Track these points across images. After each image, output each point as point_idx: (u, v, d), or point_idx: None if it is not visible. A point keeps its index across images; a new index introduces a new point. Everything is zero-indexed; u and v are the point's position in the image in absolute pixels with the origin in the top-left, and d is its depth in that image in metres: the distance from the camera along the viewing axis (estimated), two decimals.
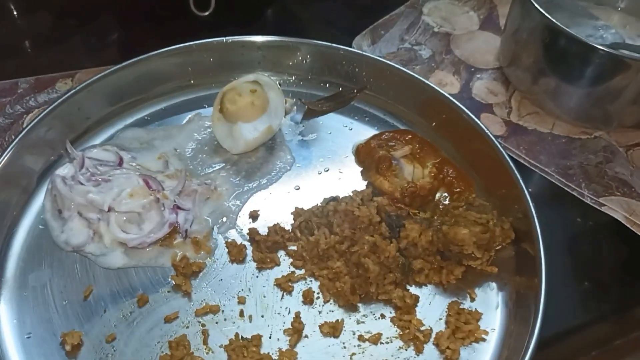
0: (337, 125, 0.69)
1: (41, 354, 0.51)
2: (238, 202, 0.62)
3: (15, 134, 0.62)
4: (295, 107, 0.70)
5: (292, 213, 0.60)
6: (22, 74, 0.76)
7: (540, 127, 0.70)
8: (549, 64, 0.68)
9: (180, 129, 0.68)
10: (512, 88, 0.74)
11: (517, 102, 0.73)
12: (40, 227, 0.59)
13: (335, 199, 0.60)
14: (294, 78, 0.73)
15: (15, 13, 0.86)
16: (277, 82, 0.67)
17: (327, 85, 0.72)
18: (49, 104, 0.66)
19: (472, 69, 0.77)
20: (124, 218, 0.58)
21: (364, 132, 0.67)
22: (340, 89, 0.71)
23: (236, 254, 0.57)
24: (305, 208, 0.60)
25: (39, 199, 0.61)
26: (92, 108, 0.67)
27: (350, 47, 0.74)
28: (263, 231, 0.59)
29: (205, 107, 0.70)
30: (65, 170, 0.61)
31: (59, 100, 0.64)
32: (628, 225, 0.61)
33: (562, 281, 0.59)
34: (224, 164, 0.65)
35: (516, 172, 0.59)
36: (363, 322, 0.53)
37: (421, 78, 0.68)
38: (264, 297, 0.55)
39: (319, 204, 0.60)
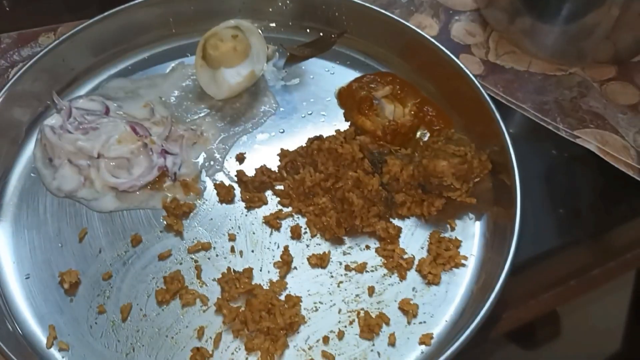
0: (319, 70, 0.70)
1: (41, 293, 0.53)
2: (224, 146, 0.63)
3: (1, 87, 0.62)
4: (277, 53, 0.71)
5: (277, 154, 0.62)
6: (3, 30, 0.76)
7: (517, 66, 0.72)
8: (524, 3, 0.69)
9: (164, 78, 0.69)
10: (490, 29, 0.75)
11: (495, 42, 0.74)
12: (32, 175, 0.60)
13: (319, 138, 0.62)
14: (274, 24, 0.74)
15: None
16: (259, 29, 0.68)
17: (308, 30, 0.73)
18: (33, 57, 0.66)
19: (450, 12, 0.78)
20: (113, 164, 0.60)
21: (346, 76, 0.69)
22: (321, 33, 0.72)
23: (225, 194, 0.59)
24: (291, 149, 0.62)
25: (29, 150, 0.62)
26: (76, 59, 0.68)
27: None
28: (250, 173, 0.60)
29: (187, 56, 0.71)
30: (53, 120, 0.62)
31: (43, 52, 0.65)
32: (601, 156, 0.64)
33: (538, 210, 0.61)
34: (208, 110, 0.66)
35: (494, 108, 0.61)
36: (349, 253, 0.56)
37: (401, 20, 0.69)
38: (254, 233, 0.57)
39: (304, 145, 0.62)
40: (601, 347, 0.58)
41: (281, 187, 0.60)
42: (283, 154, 0.62)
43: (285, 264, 0.55)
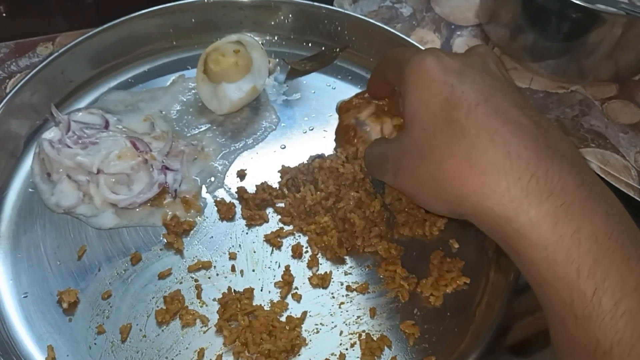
0: (320, 84, 0.70)
1: (39, 312, 0.52)
2: (225, 162, 0.63)
3: None
4: (278, 67, 0.70)
5: (279, 171, 0.61)
6: (0, 39, 0.75)
7: (519, 82, 0.72)
8: (527, 20, 0.69)
9: (165, 91, 0.68)
10: (492, 45, 0.75)
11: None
12: (30, 190, 0.60)
13: (320, 156, 0.62)
14: (276, 38, 0.73)
15: None
16: (260, 42, 0.67)
17: (310, 44, 0.73)
18: (31, 68, 0.66)
19: (452, 27, 0.78)
20: (113, 179, 0.59)
21: (347, 91, 0.68)
22: (323, 48, 0.72)
23: (225, 212, 0.59)
24: (292, 166, 0.61)
25: (27, 164, 0.62)
26: (75, 71, 0.67)
27: (332, 5, 0.74)
28: (251, 189, 0.60)
29: (188, 69, 0.70)
30: (51, 134, 0.62)
31: (42, 64, 0.64)
32: (602, 176, 0.64)
33: None
34: (209, 125, 0.66)
35: None
36: (350, 274, 0.56)
37: (403, 36, 0.69)
38: (254, 252, 0.57)
39: (305, 162, 0.61)
40: None
41: (282, 205, 0.59)
42: (284, 171, 0.61)
43: (287, 284, 0.54)
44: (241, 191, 0.60)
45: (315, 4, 0.71)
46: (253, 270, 0.55)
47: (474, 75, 0.44)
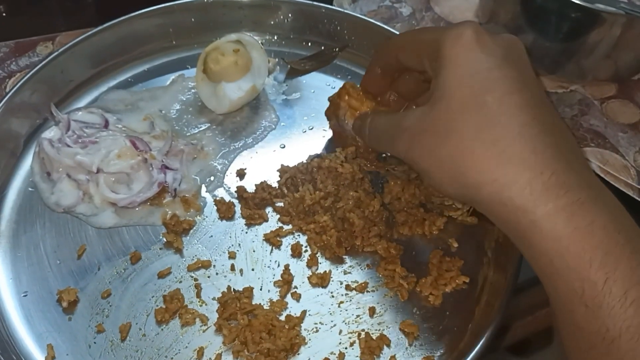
0: (320, 84, 0.70)
1: (39, 311, 0.52)
2: (225, 161, 0.63)
3: None
4: (278, 66, 0.70)
5: (277, 170, 0.61)
6: (0, 39, 0.75)
7: None
8: (526, 19, 0.69)
9: (165, 90, 0.68)
10: None
11: None
12: (30, 189, 0.60)
13: (319, 156, 0.62)
14: (276, 37, 0.73)
15: None
16: (260, 42, 0.67)
17: (309, 44, 0.73)
18: (30, 67, 0.66)
19: None
20: (113, 179, 0.59)
21: None
22: (322, 47, 0.72)
23: (225, 211, 0.59)
24: (291, 165, 0.61)
25: (27, 163, 0.62)
26: (75, 70, 0.67)
27: (332, 5, 0.74)
28: (250, 189, 0.60)
29: (188, 68, 0.70)
30: (51, 133, 0.62)
31: (42, 63, 0.64)
32: (602, 175, 0.64)
33: None
34: (209, 124, 0.66)
35: None
36: (350, 273, 0.56)
37: None
38: (254, 251, 0.57)
39: (304, 161, 0.62)
40: None
41: (281, 204, 0.59)
42: (283, 170, 0.61)
43: (286, 283, 0.54)
44: (241, 190, 0.60)
45: (315, 3, 0.71)
46: (252, 270, 0.56)
47: (513, 62, 0.43)
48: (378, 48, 0.56)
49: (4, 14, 0.82)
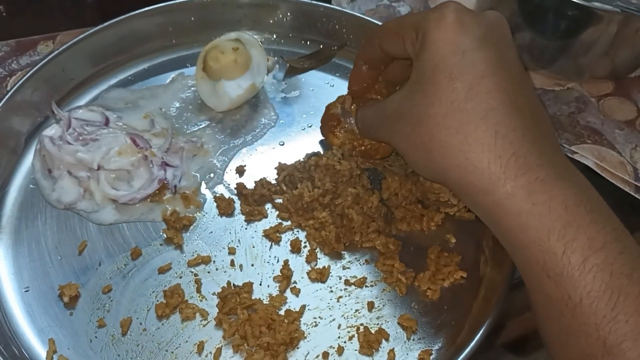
0: (318, 82, 0.70)
1: (40, 306, 0.53)
2: (224, 158, 0.63)
3: (0, 97, 0.62)
4: (277, 64, 0.71)
5: (275, 168, 0.62)
6: (1, 38, 0.75)
7: None
8: (524, 18, 0.70)
9: (165, 89, 0.69)
10: None
11: None
12: (31, 186, 0.60)
13: (316, 154, 0.62)
14: (275, 36, 0.74)
15: None
16: (259, 40, 0.68)
17: (308, 42, 0.74)
18: (31, 66, 0.66)
19: None
20: (113, 175, 0.59)
21: (345, 89, 0.69)
22: (321, 46, 0.73)
23: (225, 207, 0.59)
24: (289, 163, 0.62)
25: (28, 160, 0.62)
26: (76, 69, 0.68)
27: (330, 4, 0.75)
28: (250, 185, 0.61)
29: (188, 67, 0.71)
30: (52, 130, 0.62)
31: (43, 62, 0.65)
32: (598, 171, 0.65)
33: None
34: (209, 122, 0.66)
35: None
36: (348, 268, 0.56)
37: None
38: (253, 247, 0.57)
39: (301, 159, 0.62)
40: None
41: (280, 201, 0.60)
42: (281, 168, 0.62)
43: (285, 278, 0.55)
44: (240, 187, 0.60)
45: (314, 2, 0.72)
46: (252, 265, 0.56)
47: (492, 41, 0.44)
48: (362, 45, 0.57)
49: (4, 14, 0.82)
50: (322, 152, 0.63)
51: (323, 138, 0.64)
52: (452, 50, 0.44)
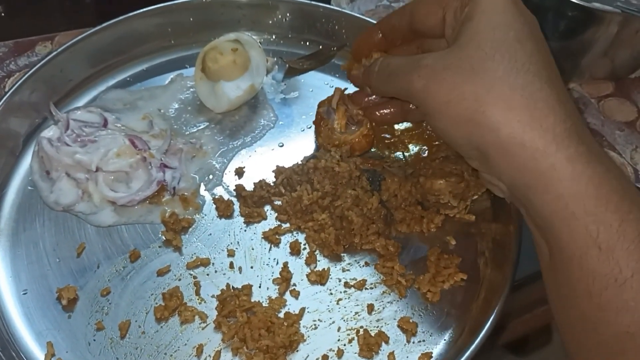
0: (318, 83, 0.70)
1: (38, 309, 0.53)
2: (223, 160, 0.63)
3: None
4: (276, 65, 0.71)
5: (273, 171, 0.61)
6: (0, 39, 0.75)
7: None
8: None
9: (163, 90, 0.68)
10: None
11: None
12: (29, 188, 0.60)
13: (315, 156, 0.62)
14: (274, 37, 0.74)
15: None
16: (258, 41, 0.68)
17: (307, 43, 0.73)
18: (30, 67, 0.66)
19: None
20: (112, 177, 0.59)
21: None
22: (320, 47, 0.72)
23: (224, 209, 0.59)
24: (290, 164, 0.62)
25: (26, 161, 0.62)
26: (74, 70, 0.67)
27: (330, 4, 0.74)
28: (249, 187, 0.60)
29: (186, 68, 0.70)
30: (50, 132, 0.62)
31: (41, 63, 0.64)
32: None
33: None
34: (208, 123, 0.66)
35: None
36: (348, 270, 0.56)
37: None
38: (253, 249, 0.57)
39: (299, 162, 0.62)
40: None
41: (280, 203, 0.60)
42: (278, 171, 0.61)
43: (285, 280, 0.55)
44: (239, 189, 0.60)
45: (313, 2, 0.72)
46: (251, 267, 0.56)
47: (535, 21, 0.46)
48: (389, 14, 0.56)
49: (2, 14, 0.82)
50: (320, 154, 0.62)
51: None
52: (510, 20, 0.44)
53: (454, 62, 0.44)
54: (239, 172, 0.62)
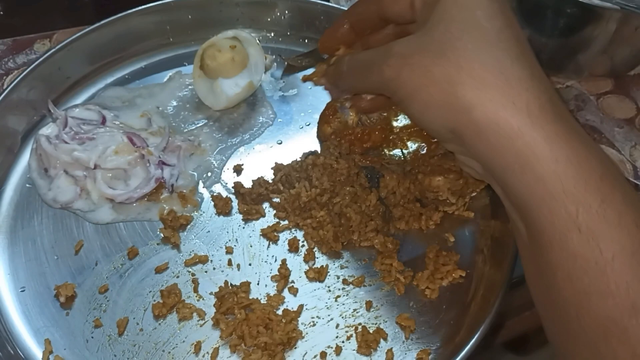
0: None
1: (36, 306, 0.53)
2: (222, 157, 0.63)
3: None
4: (275, 63, 0.71)
5: (272, 168, 0.61)
6: None
7: None
8: (522, 16, 0.69)
9: (162, 87, 0.68)
10: None
11: None
12: (28, 185, 0.60)
13: (313, 153, 0.62)
14: (272, 34, 0.74)
15: None
16: (257, 39, 0.67)
17: (306, 40, 0.73)
18: (28, 64, 0.66)
19: None
20: (110, 174, 0.59)
21: None
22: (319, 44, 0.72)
23: (222, 206, 0.59)
24: (288, 161, 0.62)
25: (24, 159, 0.62)
26: (73, 67, 0.67)
27: (328, 2, 0.74)
28: (247, 184, 0.60)
29: (185, 65, 0.70)
30: (49, 129, 0.62)
31: (39, 60, 0.64)
32: None
33: None
34: (206, 121, 0.66)
35: None
36: (346, 267, 0.56)
37: None
38: (251, 246, 0.57)
39: (298, 159, 0.62)
40: None
41: (278, 200, 0.60)
42: (277, 168, 0.61)
43: (283, 277, 0.55)
44: (238, 186, 0.60)
45: (312, 0, 0.72)
46: (249, 264, 0.56)
47: (507, 4, 0.44)
48: (354, 3, 0.54)
49: (1, 12, 0.82)
50: (319, 151, 0.62)
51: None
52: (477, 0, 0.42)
53: (422, 46, 0.43)
54: (238, 170, 0.62)
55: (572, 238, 0.37)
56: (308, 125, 0.66)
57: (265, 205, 0.60)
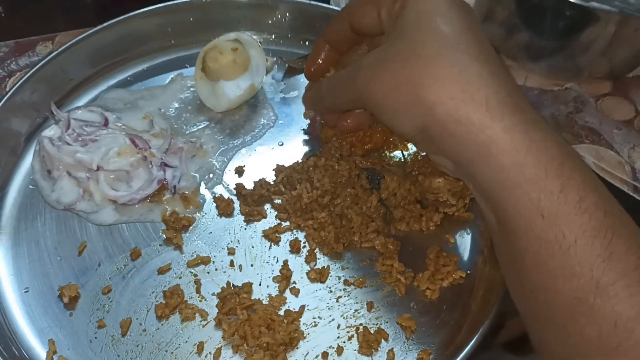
0: None
1: (40, 306, 0.53)
2: (224, 159, 0.64)
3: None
4: (276, 65, 0.71)
5: (273, 169, 0.62)
6: (0, 39, 0.76)
7: None
8: (521, 18, 0.70)
9: (164, 89, 0.69)
10: None
11: None
12: (31, 187, 0.60)
13: (315, 154, 0.62)
14: (274, 36, 0.74)
15: None
16: (258, 41, 0.68)
17: (307, 43, 0.74)
18: (30, 66, 0.66)
19: None
20: (113, 176, 0.60)
21: None
22: None
23: (224, 208, 0.59)
24: (289, 163, 0.62)
25: (28, 161, 0.62)
26: (75, 70, 0.68)
27: (329, 4, 0.75)
28: (249, 186, 0.61)
29: (187, 67, 0.71)
30: (51, 131, 0.62)
31: (42, 62, 0.65)
32: (597, 171, 0.65)
33: None
34: (208, 122, 0.66)
35: None
36: (348, 268, 0.56)
37: None
38: (253, 247, 0.57)
39: (300, 160, 0.62)
40: None
41: (280, 201, 0.60)
42: (279, 170, 0.62)
43: (285, 278, 0.55)
44: (239, 187, 0.60)
45: (313, 2, 0.72)
46: (251, 265, 0.56)
47: (468, 7, 0.47)
48: (327, 24, 0.57)
49: (3, 15, 0.82)
50: (320, 152, 0.63)
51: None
52: (436, 6, 0.45)
53: (388, 56, 0.46)
54: (239, 171, 0.63)
55: (537, 224, 0.39)
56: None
57: (267, 206, 0.60)
